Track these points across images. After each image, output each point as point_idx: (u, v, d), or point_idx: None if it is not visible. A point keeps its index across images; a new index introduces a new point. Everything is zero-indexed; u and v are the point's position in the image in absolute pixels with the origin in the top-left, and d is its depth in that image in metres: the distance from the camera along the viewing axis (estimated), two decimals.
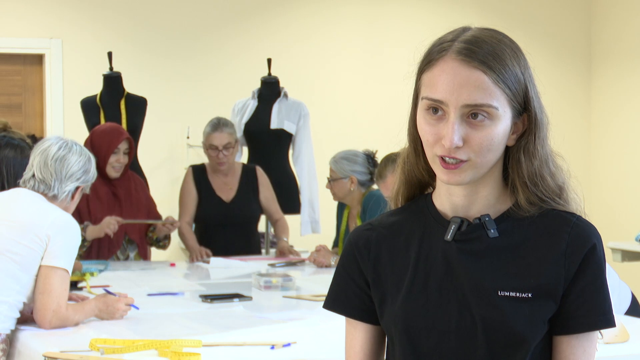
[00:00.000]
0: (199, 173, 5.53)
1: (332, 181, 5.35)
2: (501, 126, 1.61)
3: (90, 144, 5.04)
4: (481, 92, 1.59)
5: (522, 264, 1.65)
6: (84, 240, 4.83)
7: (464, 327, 1.64)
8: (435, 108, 1.61)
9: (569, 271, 1.63)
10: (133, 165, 5.76)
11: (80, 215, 4.92)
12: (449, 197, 1.70)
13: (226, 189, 5.51)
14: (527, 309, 1.62)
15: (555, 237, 1.65)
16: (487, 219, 1.67)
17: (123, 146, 5.07)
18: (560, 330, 1.65)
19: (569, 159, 1.74)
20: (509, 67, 1.62)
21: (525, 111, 1.65)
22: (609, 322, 1.65)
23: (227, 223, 5.44)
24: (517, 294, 1.62)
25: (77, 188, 3.52)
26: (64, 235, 3.34)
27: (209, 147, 5.42)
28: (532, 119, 1.65)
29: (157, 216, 5.30)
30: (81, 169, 3.50)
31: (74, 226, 3.39)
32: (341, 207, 5.55)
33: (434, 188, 1.76)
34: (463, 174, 1.62)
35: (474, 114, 1.59)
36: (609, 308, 1.65)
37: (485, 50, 1.61)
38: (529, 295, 1.62)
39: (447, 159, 1.61)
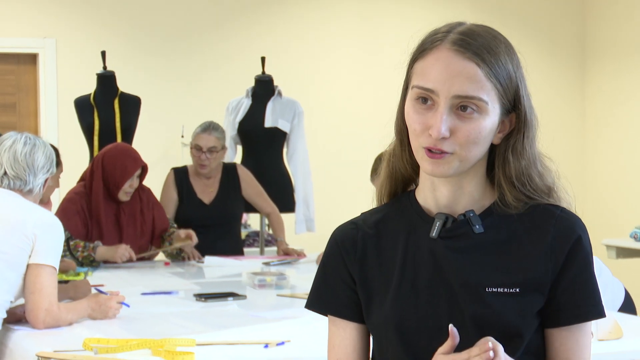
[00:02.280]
0: (180, 176, 5.50)
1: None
2: (489, 121, 1.61)
3: (100, 164, 4.98)
4: (473, 84, 1.58)
5: (509, 259, 1.64)
6: (92, 260, 4.81)
7: (455, 324, 1.62)
8: (425, 97, 1.61)
9: (556, 264, 1.63)
10: None
11: (78, 233, 4.91)
12: (433, 193, 1.69)
13: (207, 191, 5.49)
14: (516, 304, 1.62)
15: (540, 231, 1.65)
16: (471, 214, 1.66)
17: (137, 172, 5.02)
18: (551, 323, 1.65)
19: (563, 157, 1.75)
20: (501, 63, 1.61)
21: (515, 110, 1.65)
22: (599, 313, 1.66)
23: (207, 225, 5.41)
24: (505, 290, 1.62)
25: (45, 180, 3.54)
26: (50, 233, 3.35)
27: (194, 146, 5.41)
28: (521, 118, 1.65)
29: (166, 227, 5.24)
30: (48, 160, 3.53)
31: (58, 224, 3.41)
32: None
33: (416, 185, 1.75)
34: (447, 166, 1.60)
35: (463, 106, 1.59)
36: (598, 299, 1.65)
37: (480, 43, 1.61)
38: (517, 290, 1.62)
39: (432, 149, 1.60)
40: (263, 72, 6.35)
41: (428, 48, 1.63)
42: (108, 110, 6.00)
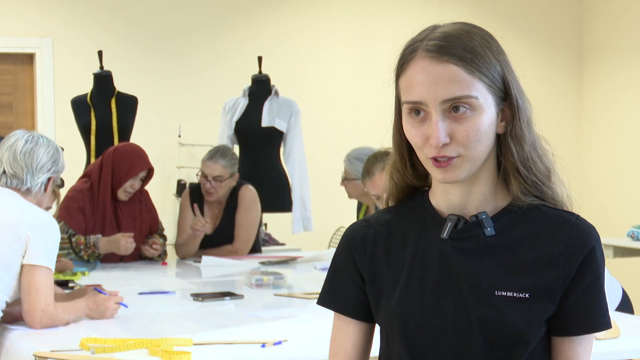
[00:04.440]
0: (195, 197, 5.43)
1: (346, 180, 5.17)
2: (485, 115, 1.60)
3: (110, 158, 4.98)
4: (457, 85, 1.58)
5: (520, 263, 1.63)
6: (98, 255, 4.81)
7: (460, 325, 1.63)
8: (417, 110, 1.61)
9: (568, 272, 1.62)
10: None
11: (80, 230, 4.91)
12: (445, 195, 1.69)
13: (214, 217, 5.42)
14: (524, 309, 1.61)
15: (554, 237, 1.64)
16: (483, 216, 1.65)
17: (142, 174, 5.03)
18: (560, 332, 1.64)
19: (560, 155, 1.74)
20: (480, 55, 1.60)
21: (507, 96, 1.64)
22: (607, 324, 1.66)
23: (207, 249, 5.37)
24: (515, 294, 1.61)
25: (48, 179, 3.52)
26: (44, 234, 3.32)
27: (201, 173, 5.37)
28: (514, 103, 1.64)
29: (155, 231, 5.26)
30: (50, 159, 3.50)
31: (53, 224, 3.38)
32: (359, 206, 5.46)
33: (428, 187, 1.75)
34: (457, 171, 1.60)
35: (455, 107, 1.58)
36: (606, 309, 1.65)
37: (454, 43, 1.60)
38: (527, 295, 1.61)
39: (438, 158, 1.60)
40: (260, 72, 6.36)
41: (406, 61, 1.63)
42: (105, 110, 5.99)
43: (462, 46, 1.59)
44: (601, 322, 1.64)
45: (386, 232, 1.74)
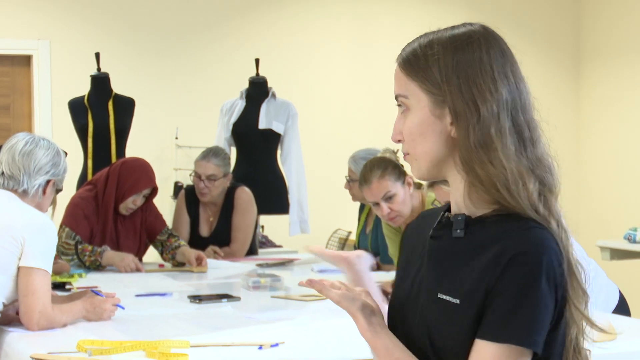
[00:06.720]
0: (190, 199, 5.45)
1: (351, 182, 5.17)
2: (415, 116, 1.67)
3: (117, 170, 4.97)
4: (397, 83, 1.71)
5: (463, 268, 1.61)
6: (99, 264, 4.80)
7: (417, 326, 1.67)
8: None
9: (491, 278, 1.56)
10: None
11: (86, 237, 4.90)
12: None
13: (209, 220, 5.44)
14: (454, 315, 1.59)
15: (497, 245, 1.57)
16: (459, 218, 1.66)
17: (146, 191, 5.02)
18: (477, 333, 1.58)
19: (557, 158, 1.73)
20: (421, 59, 1.66)
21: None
22: (515, 338, 1.53)
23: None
24: (449, 299, 1.61)
25: (47, 182, 3.49)
26: (40, 236, 3.30)
27: (194, 173, 5.38)
28: (451, 109, 1.62)
29: (161, 229, 5.23)
30: (49, 162, 3.46)
31: (50, 226, 3.36)
32: (361, 207, 5.45)
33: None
34: (412, 167, 1.71)
35: (399, 105, 1.70)
36: (519, 324, 1.53)
37: (407, 51, 1.70)
38: (457, 301, 1.59)
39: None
40: (257, 74, 6.36)
41: None
42: (102, 112, 6.00)
43: (411, 51, 1.69)
44: (505, 334, 1.54)
45: (416, 226, 1.84)
